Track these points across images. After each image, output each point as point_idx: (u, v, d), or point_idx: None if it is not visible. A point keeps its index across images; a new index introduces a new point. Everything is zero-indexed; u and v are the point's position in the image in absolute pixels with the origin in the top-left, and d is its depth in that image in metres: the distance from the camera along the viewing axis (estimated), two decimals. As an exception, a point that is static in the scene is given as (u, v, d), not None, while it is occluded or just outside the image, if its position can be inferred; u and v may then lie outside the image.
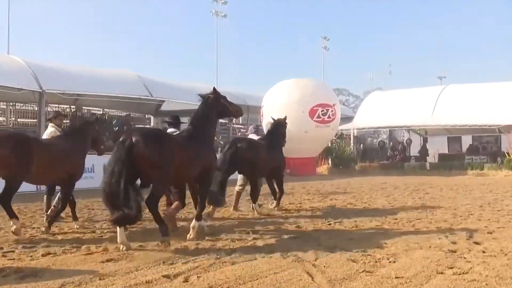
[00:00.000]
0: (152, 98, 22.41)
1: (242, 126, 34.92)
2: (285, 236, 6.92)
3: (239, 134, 29.23)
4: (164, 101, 24.54)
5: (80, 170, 7.81)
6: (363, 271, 4.97)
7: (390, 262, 5.35)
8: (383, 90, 44.60)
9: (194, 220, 6.89)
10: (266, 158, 9.61)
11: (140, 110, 27.15)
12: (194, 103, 8.99)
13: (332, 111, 25.16)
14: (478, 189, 14.97)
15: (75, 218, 7.96)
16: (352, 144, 30.70)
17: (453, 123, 27.54)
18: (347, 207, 10.72)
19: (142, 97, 21.87)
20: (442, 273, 4.91)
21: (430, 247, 6.11)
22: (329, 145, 29.06)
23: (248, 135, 11.66)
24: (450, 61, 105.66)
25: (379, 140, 34.91)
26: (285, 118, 10.99)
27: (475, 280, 4.62)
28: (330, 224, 8.12)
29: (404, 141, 32.97)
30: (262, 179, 10.11)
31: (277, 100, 24.58)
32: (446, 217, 8.95)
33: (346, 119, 33.44)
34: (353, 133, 30.83)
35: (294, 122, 24.26)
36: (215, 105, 7.27)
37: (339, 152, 28.65)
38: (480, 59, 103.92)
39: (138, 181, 6.23)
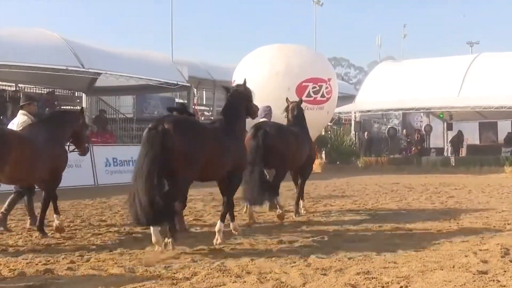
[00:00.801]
0: (84, 70, 22.15)
1: (207, 108, 35.01)
2: (264, 255, 6.98)
3: (203, 118, 29.20)
4: (99, 74, 24.32)
5: (65, 162, 8.83)
6: (365, 299, 5.05)
7: (401, 287, 5.44)
8: (395, 60, 44.96)
9: (219, 221, 7.94)
10: (298, 148, 10.45)
11: (68, 86, 26.85)
12: (140, 77, 9.14)
13: (327, 88, 25.27)
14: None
15: (56, 212, 8.77)
16: (353, 132, 30.95)
17: (486, 104, 27.93)
18: (346, 215, 10.84)
19: (70, 68, 21.59)
20: (469, 301, 5.02)
21: (453, 267, 6.23)
22: (323, 133, 29.27)
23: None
24: (484, 23, 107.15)
25: (388, 127, 35.38)
26: (300, 102, 12.58)
27: (511, 309, 4.74)
28: (322, 238, 8.20)
29: (422, 128, 33.41)
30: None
31: (253, 73, 24.52)
32: (476, 227, 9.13)
33: (346, 98, 33.70)
34: (355, 117, 31.07)
35: (277, 102, 24.39)
36: (245, 98, 8.64)
37: (336, 143, 28.91)
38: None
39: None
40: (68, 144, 9.29)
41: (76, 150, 9.52)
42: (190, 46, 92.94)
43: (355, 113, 31.00)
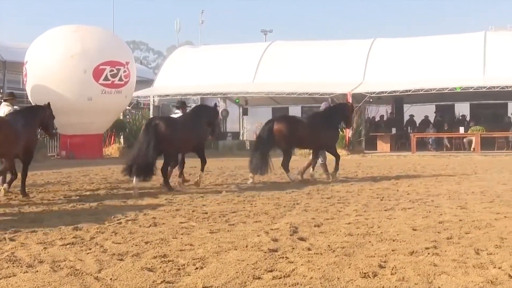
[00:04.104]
0: None
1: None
2: (58, 243, 6.75)
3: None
4: None
5: (35, 143, 12.09)
6: (162, 282, 5.09)
7: (196, 268, 5.56)
8: (193, 45, 45.52)
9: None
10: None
11: None
12: None
13: (125, 71, 24.96)
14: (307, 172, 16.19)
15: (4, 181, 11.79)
16: (151, 116, 30.88)
17: (279, 90, 29.30)
18: (143, 200, 10.83)
19: None
20: (259, 278, 5.26)
21: (246, 246, 6.50)
22: (121, 117, 28.87)
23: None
24: (278, 12, 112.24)
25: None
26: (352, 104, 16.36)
27: (297, 283, 5.04)
28: (120, 224, 8.13)
29: (220, 113, 34.21)
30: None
31: (46, 55, 23.51)
32: (268, 208, 9.59)
33: (145, 82, 33.57)
34: (154, 102, 31.00)
35: (73, 86, 23.67)
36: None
37: (134, 128, 28.59)
38: (309, 12, 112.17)
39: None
40: (39, 130, 12.36)
41: (45, 135, 13.19)
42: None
43: (153, 97, 30.92)
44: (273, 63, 31.72)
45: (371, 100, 28.86)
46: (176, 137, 12.38)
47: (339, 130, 16.22)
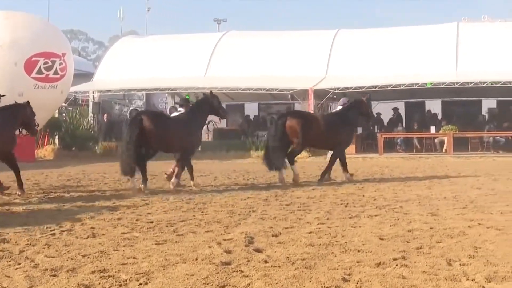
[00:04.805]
0: None
1: None
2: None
3: None
4: None
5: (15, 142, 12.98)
6: (100, 301, 5.02)
7: (140, 284, 5.49)
8: (138, 35, 45.19)
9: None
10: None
11: None
12: None
13: (61, 64, 24.69)
14: (264, 176, 16.24)
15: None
16: (91, 114, 30.52)
17: (234, 85, 29.28)
18: (81, 207, 10.69)
19: None
20: (211, 294, 5.22)
21: (196, 259, 6.44)
22: (57, 115, 28.48)
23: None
24: (231, 1, 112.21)
25: (131, 109, 35.37)
26: (368, 97, 16.80)
27: (253, 300, 5.03)
28: (54, 235, 7.99)
29: (167, 110, 34.04)
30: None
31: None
32: (220, 216, 9.56)
33: (83, 76, 33.15)
34: (93, 98, 30.64)
35: (2, 80, 23.25)
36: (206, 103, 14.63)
37: (71, 127, 28.28)
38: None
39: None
40: (20, 129, 13.95)
41: (27, 133, 14.46)
42: None
43: (93, 93, 30.59)
44: (227, 55, 31.72)
45: (334, 96, 29.06)
46: (162, 134, 13.32)
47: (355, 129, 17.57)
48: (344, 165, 15.47)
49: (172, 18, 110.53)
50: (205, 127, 16.78)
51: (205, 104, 14.54)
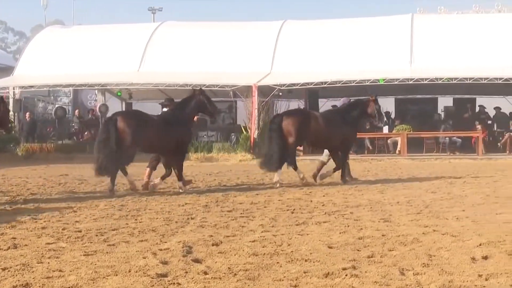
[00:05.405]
0: None
1: None
2: None
3: None
4: None
5: None
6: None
7: (67, 299, 5.45)
8: (64, 25, 44.66)
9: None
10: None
11: None
12: None
13: (-23, 56, 24.18)
14: (204, 180, 16.25)
15: None
16: (11, 113, 30.00)
17: (171, 81, 29.15)
18: (0, 215, 10.52)
19: None
20: (145, 309, 5.21)
21: (129, 271, 6.40)
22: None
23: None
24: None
25: (56, 106, 34.96)
26: (374, 97, 16.91)
27: (191, 314, 5.04)
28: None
29: (97, 109, 33.77)
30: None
31: None
32: (156, 224, 9.52)
33: (3, 70, 32.62)
34: (14, 94, 30.14)
35: None
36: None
37: (-11, 127, 27.78)
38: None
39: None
40: None
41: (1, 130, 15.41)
42: None
43: (14, 88, 30.07)
44: (163, 48, 31.56)
45: (280, 93, 29.27)
46: (140, 135, 13.83)
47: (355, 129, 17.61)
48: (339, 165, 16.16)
49: (102, 7, 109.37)
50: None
51: (191, 102, 14.92)
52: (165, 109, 16.08)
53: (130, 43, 31.90)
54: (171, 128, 14.27)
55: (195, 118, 15.96)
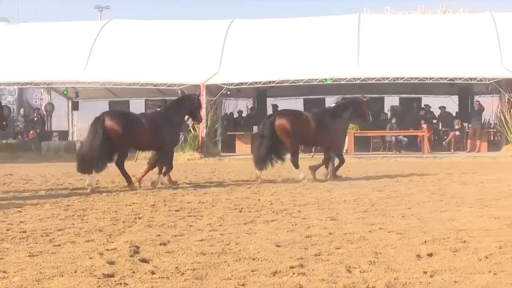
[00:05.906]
0: None
1: None
2: None
3: None
4: None
5: None
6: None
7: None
8: (8, 22, 43.94)
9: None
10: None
11: None
12: None
13: None
14: (151, 179, 16.16)
15: None
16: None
17: (118, 79, 28.94)
18: None
19: None
20: (91, 310, 5.18)
21: (75, 272, 6.34)
22: None
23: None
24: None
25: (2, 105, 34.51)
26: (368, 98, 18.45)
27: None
28: None
29: (42, 108, 33.34)
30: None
31: None
32: (103, 224, 9.46)
33: None
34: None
35: None
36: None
37: None
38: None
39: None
40: None
41: None
42: None
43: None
44: (110, 46, 31.33)
45: (228, 92, 29.28)
46: (128, 134, 14.35)
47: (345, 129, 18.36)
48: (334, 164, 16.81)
49: (48, 4, 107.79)
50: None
51: (180, 103, 15.87)
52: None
53: (77, 41, 31.58)
54: (158, 128, 14.87)
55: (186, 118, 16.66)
